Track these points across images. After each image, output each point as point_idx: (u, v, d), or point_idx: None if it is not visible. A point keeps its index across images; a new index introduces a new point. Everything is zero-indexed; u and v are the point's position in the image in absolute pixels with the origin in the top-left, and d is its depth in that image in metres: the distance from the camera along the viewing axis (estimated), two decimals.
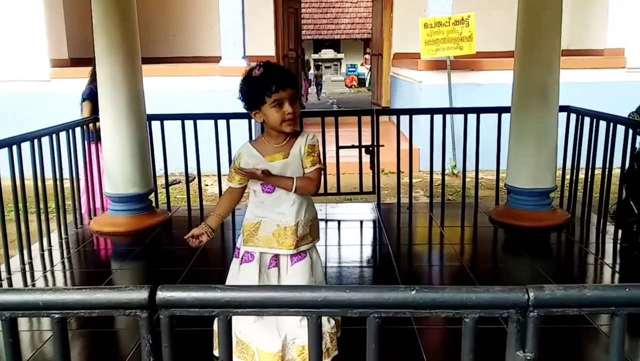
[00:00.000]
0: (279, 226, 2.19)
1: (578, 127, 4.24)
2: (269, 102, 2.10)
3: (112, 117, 4.02)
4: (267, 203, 2.21)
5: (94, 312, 1.16)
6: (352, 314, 1.15)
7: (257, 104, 2.13)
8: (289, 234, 2.19)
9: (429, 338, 2.53)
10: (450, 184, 6.67)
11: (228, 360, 1.19)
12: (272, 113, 2.11)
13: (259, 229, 2.21)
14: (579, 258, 3.75)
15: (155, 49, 9.23)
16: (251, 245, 2.23)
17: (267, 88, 2.09)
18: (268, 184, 2.18)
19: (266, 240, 2.20)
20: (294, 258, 2.25)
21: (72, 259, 3.68)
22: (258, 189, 2.22)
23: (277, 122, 2.12)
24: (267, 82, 2.09)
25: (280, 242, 2.20)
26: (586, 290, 1.09)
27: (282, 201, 2.20)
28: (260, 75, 2.11)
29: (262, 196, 2.22)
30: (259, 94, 2.10)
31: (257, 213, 2.23)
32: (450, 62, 7.60)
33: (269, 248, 2.21)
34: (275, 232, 2.20)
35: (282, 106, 2.10)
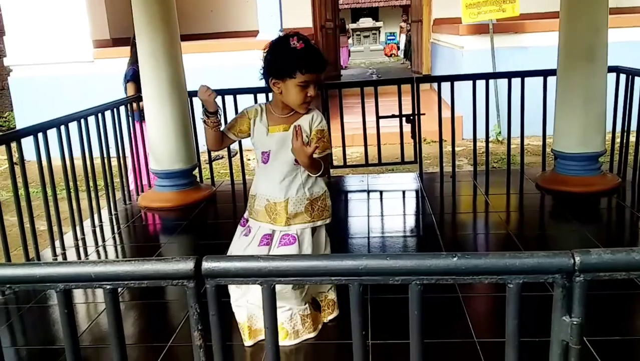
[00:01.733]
0: (268, 200, 2.18)
1: (628, 88, 4.08)
2: (298, 79, 2.02)
3: (155, 95, 4.09)
4: (262, 175, 2.22)
5: (143, 283, 1.20)
6: (394, 281, 1.16)
7: (283, 75, 2.04)
8: (279, 210, 2.16)
9: (474, 306, 2.52)
10: (494, 152, 6.54)
11: (274, 328, 1.21)
12: (294, 91, 2.04)
13: (255, 202, 2.23)
14: (631, 223, 3.64)
15: (193, 26, 9.30)
16: (252, 217, 2.26)
17: (303, 66, 2.01)
18: (265, 153, 2.17)
19: (261, 214, 2.21)
20: (283, 239, 2.19)
21: (122, 234, 3.80)
22: (259, 158, 2.22)
23: (296, 101, 2.07)
24: (304, 60, 2.01)
25: (272, 218, 2.18)
26: (635, 253, 1.07)
27: (274, 175, 2.17)
28: (301, 49, 2.02)
29: (260, 166, 2.22)
30: (292, 67, 2.01)
31: (255, 185, 2.26)
32: (493, 26, 7.38)
33: (265, 222, 2.20)
34: (266, 206, 2.19)
35: (306, 88, 2.05)
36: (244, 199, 4.52)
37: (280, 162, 2.16)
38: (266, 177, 2.20)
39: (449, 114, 4.54)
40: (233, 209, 4.41)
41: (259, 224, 2.22)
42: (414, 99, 4.45)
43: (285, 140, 2.13)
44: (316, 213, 2.22)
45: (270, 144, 2.16)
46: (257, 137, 2.19)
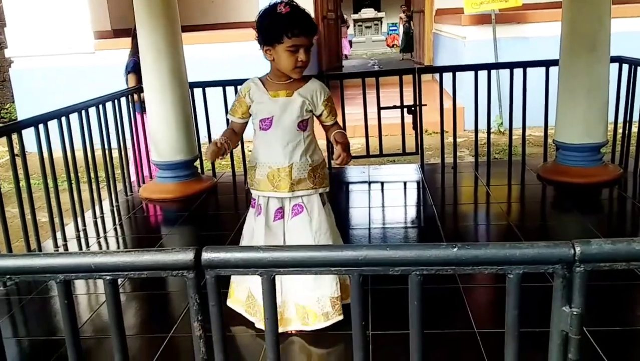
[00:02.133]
0: (271, 167, 2.19)
1: (631, 79, 4.06)
2: (286, 44, 2.04)
3: (156, 86, 4.08)
4: (262, 142, 2.21)
5: (143, 273, 1.20)
6: (394, 272, 1.16)
7: (272, 42, 2.07)
8: (282, 176, 2.18)
9: (474, 297, 2.52)
10: (496, 143, 6.53)
11: (274, 319, 1.21)
12: (285, 56, 2.07)
13: (255, 172, 2.23)
14: (632, 214, 3.63)
15: (194, 17, 9.27)
16: (253, 189, 2.26)
17: (289, 29, 2.03)
18: (266, 120, 2.17)
19: (263, 183, 2.21)
20: (294, 210, 2.24)
21: (123, 226, 3.81)
22: (257, 127, 2.21)
23: (287, 66, 2.09)
24: (290, 24, 2.03)
25: (275, 185, 2.19)
26: (635, 244, 1.06)
27: (276, 141, 2.17)
28: (286, 14, 2.04)
29: (259, 133, 2.21)
30: (278, 32, 2.04)
31: (255, 155, 2.24)
32: (495, 16, 7.35)
33: (266, 190, 2.21)
34: (269, 174, 2.19)
35: (296, 52, 2.06)
36: (245, 190, 4.53)
37: (284, 128, 2.17)
38: (268, 144, 2.19)
39: (451, 105, 4.53)
40: (234, 200, 4.41)
41: (266, 198, 2.23)
42: (416, 90, 4.44)
43: (288, 105, 2.16)
44: (317, 180, 2.25)
45: (274, 109, 2.16)
46: (257, 105, 2.19)
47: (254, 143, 2.26)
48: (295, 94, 2.17)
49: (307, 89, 2.19)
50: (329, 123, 2.27)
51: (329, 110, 2.23)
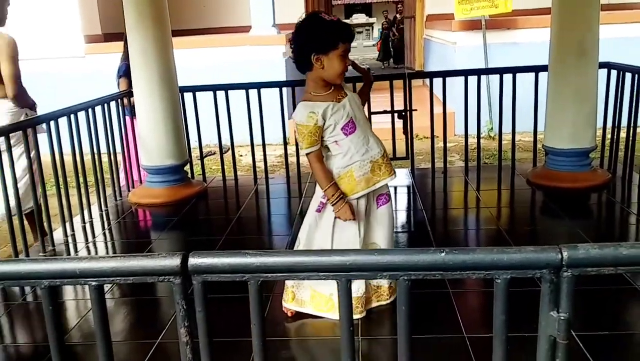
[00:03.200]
0: (372, 161, 2.23)
1: (619, 84, 4.09)
2: (340, 49, 2.09)
3: (146, 90, 4.07)
4: (353, 146, 2.21)
5: (129, 279, 1.19)
6: (382, 277, 1.16)
7: (327, 49, 2.09)
8: (385, 162, 2.26)
9: (463, 301, 2.52)
10: (486, 147, 6.55)
11: (260, 322, 1.21)
12: (337, 62, 2.10)
13: (353, 176, 2.22)
14: (620, 219, 3.66)
15: (185, 21, 9.26)
16: (353, 194, 2.24)
17: (345, 35, 2.09)
18: (348, 123, 2.19)
19: (366, 181, 2.23)
20: (379, 200, 2.32)
21: (112, 231, 3.78)
22: (339, 137, 2.20)
23: (337, 72, 2.12)
24: (343, 29, 2.10)
25: (381, 174, 2.25)
26: (622, 248, 1.07)
27: (364, 135, 2.23)
28: (337, 21, 2.13)
29: (346, 140, 2.20)
30: (333, 38, 2.08)
31: (344, 163, 2.22)
32: (485, 22, 7.39)
33: (372, 186, 2.24)
34: (372, 167, 2.23)
35: (345, 57, 2.12)
36: (235, 194, 4.52)
37: (364, 122, 2.27)
38: (359, 143, 2.21)
39: (441, 110, 4.54)
40: (224, 205, 4.40)
41: (362, 199, 2.26)
42: (406, 95, 4.45)
43: (352, 103, 2.22)
44: None
45: (348, 110, 2.20)
46: (334, 117, 2.17)
47: (336, 157, 2.24)
48: (347, 92, 2.24)
49: (347, 89, 2.28)
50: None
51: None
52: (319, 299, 2.34)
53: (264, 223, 3.99)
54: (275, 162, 6.50)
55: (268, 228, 3.89)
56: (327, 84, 2.19)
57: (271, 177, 4.74)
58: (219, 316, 2.29)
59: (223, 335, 2.27)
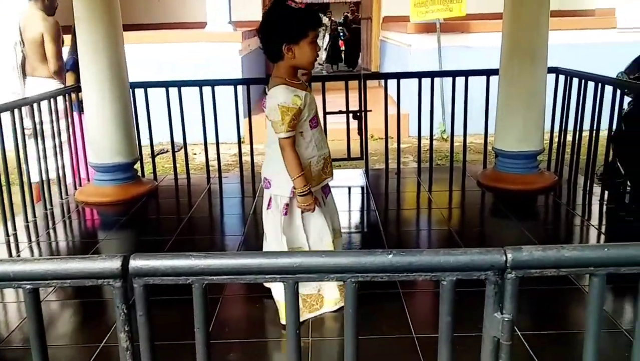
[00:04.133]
0: (324, 158, 2.29)
1: (566, 89, 4.21)
2: (310, 37, 2.09)
3: (95, 85, 3.94)
4: (315, 139, 2.25)
5: (66, 282, 1.14)
6: (329, 279, 1.14)
7: (297, 38, 2.09)
8: (330, 161, 2.34)
9: (414, 302, 2.55)
10: (439, 149, 6.65)
11: (204, 327, 1.17)
12: (308, 50, 2.10)
13: (311, 170, 2.25)
14: (566, 220, 3.76)
15: (138, 16, 9.06)
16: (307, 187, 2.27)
17: (314, 22, 2.09)
18: (314, 117, 2.23)
19: (317, 177, 2.28)
20: (325, 190, 2.41)
21: (57, 230, 3.65)
22: (306, 128, 2.22)
23: (310, 59, 2.13)
24: (312, 16, 2.09)
25: (327, 171, 2.33)
26: (564, 250, 1.08)
27: (321, 133, 2.30)
28: (305, 8, 2.11)
29: (310, 133, 2.23)
30: (304, 26, 2.08)
31: (308, 154, 2.24)
32: (440, 25, 7.50)
33: (321, 182, 2.31)
34: (323, 164, 2.29)
35: (315, 44, 2.12)
36: (187, 193, 4.44)
37: (321, 120, 2.36)
38: (318, 140, 2.26)
39: (396, 111, 4.58)
40: (176, 204, 4.31)
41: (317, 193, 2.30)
42: (361, 96, 4.46)
43: (315, 99, 2.27)
44: None
45: (315, 105, 2.25)
46: (309, 106, 2.20)
47: (301, 146, 2.22)
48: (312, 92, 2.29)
49: None
50: None
51: None
52: (309, 301, 2.36)
53: (216, 223, 3.93)
54: (229, 161, 6.43)
55: (220, 228, 3.83)
56: (296, 74, 2.19)
57: (225, 177, 4.68)
58: (163, 320, 2.24)
59: (166, 339, 2.21)
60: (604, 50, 7.11)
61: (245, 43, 7.78)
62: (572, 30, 7.41)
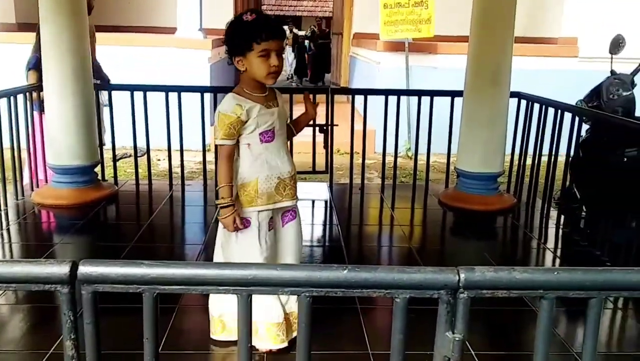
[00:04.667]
0: (280, 178, 2.17)
1: (528, 114, 4.31)
2: (257, 50, 2.03)
3: (57, 84, 3.86)
4: (267, 154, 2.15)
5: (11, 286, 1.11)
6: (283, 292, 1.14)
7: (243, 51, 2.05)
8: (291, 184, 2.20)
9: (371, 317, 2.55)
10: (404, 167, 6.71)
11: (154, 338, 1.15)
12: (257, 63, 2.04)
13: (258, 187, 2.14)
14: (523, 242, 3.84)
15: (107, 17, 8.93)
16: (253, 206, 2.15)
17: (257, 35, 2.02)
18: (268, 132, 2.14)
19: (269, 196, 2.15)
20: (285, 217, 2.26)
21: (11, 232, 3.54)
22: (254, 141, 2.13)
23: (262, 73, 2.06)
24: (257, 29, 2.02)
25: (284, 194, 2.19)
26: (515, 273, 1.10)
27: (280, 150, 2.18)
28: (252, 20, 2.04)
29: (260, 147, 2.13)
30: (247, 40, 2.03)
31: (254, 170, 2.14)
32: (409, 45, 7.61)
33: (271, 204, 2.16)
34: (277, 185, 2.16)
35: (268, 57, 2.04)
36: (148, 199, 4.37)
37: (283, 138, 2.22)
38: (273, 155, 2.16)
39: (362, 127, 4.61)
40: (136, 209, 4.24)
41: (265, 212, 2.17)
42: (328, 110, 4.48)
43: (281, 114, 2.19)
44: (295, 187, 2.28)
45: (273, 120, 2.15)
46: (259, 118, 2.11)
47: (247, 160, 2.15)
48: (280, 103, 2.22)
49: (282, 98, 2.26)
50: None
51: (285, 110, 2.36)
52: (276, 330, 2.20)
53: (177, 230, 3.88)
54: (193, 168, 6.36)
55: (181, 236, 3.78)
56: (260, 86, 2.14)
57: (188, 184, 4.63)
58: (113, 328, 2.18)
59: (115, 349, 2.15)
60: (565, 78, 7.31)
61: (215, 51, 7.74)
62: (535, 57, 7.61)
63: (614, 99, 4.01)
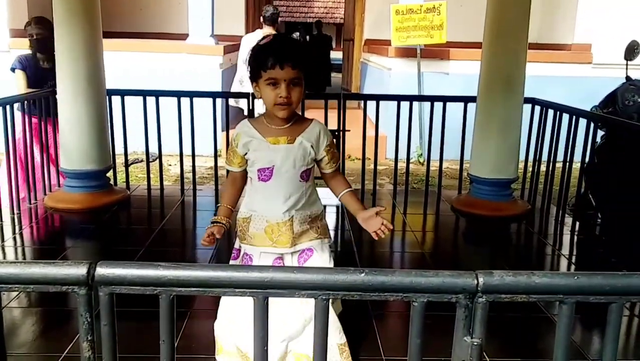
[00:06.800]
0: (269, 222, 1.96)
1: (542, 120, 4.29)
2: (264, 78, 1.85)
3: (70, 89, 3.88)
4: (261, 194, 1.98)
5: (29, 287, 1.10)
6: (300, 295, 1.13)
7: (255, 77, 1.89)
8: (283, 231, 1.96)
9: (384, 324, 2.53)
10: (415, 173, 6.70)
11: (171, 340, 1.15)
12: (266, 91, 1.86)
13: (249, 225, 2.00)
14: (537, 249, 3.80)
15: (120, 23, 9.00)
16: (245, 243, 2.03)
17: (264, 62, 1.83)
18: (266, 170, 1.94)
19: (259, 238, 1.99)
20: (300, 257, 2.03)
21: (24, 235, 3.56)
22: (254, 176, 1.98)
23: (269, 102, 1.88)
24: (265, 55, 1.83)
25: (275, 239, 1.98)
26: (535, 277, 1.09)
27: (277, 193, 1.95)
28: (263, 45, 1.87)
29: (257, 185, 1.98)
30: (256, 66, 1.87)
31: (250, 206, 2.01)
32: (421, 51, 7.60)
33: (262, 246, 1.99)
34: (267, 228, 1.97)
35: (275, 86, 1.84)
36: (160, 204, 4.38)
37: (286, 179, 1.95)
38: (267, 197, 1.97)
39: (374, 133, 4.60)
40: (148, 214, 4.25)
41: (259, 250, 2.00)
42: (340, 115, 4.48)
43: (290, 153, 1.93)
44: (320, 230, 2.06)
45: (274, 158, 1.93)
46: (254, 153, 1.95)
47: (248, 192, 2.04)
48: (299, 139, 1.94)
49: (310, 133, 1.97)
50: (329, 171, 2.06)
51: (331, 156, 2.03)
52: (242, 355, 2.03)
53: (189, 235, 3.88)
54: (205, 174, 6.38)
55: (192, 241, 3.78)
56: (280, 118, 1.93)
57: (199, 190, 4.63)
58: (129, 332, 2.19)
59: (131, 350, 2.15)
60: (579, 84, 7.28)
61: (227, 57, 7.77)
62: (549, 63, 7.57)
63: (630, 105, 3.98)
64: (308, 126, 1.98)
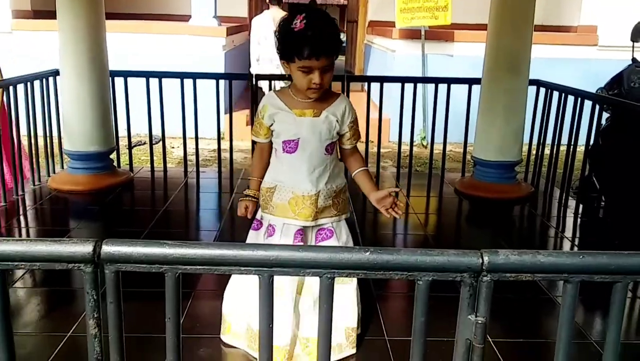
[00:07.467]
0: (294, 193, 1.98)
1: (546, 102, 4.26)
2: (297, 64, 1.85)
3: (73, 70, 3.87)
4: (286, 165, 2.00)
5: (35, 265, 1.11)
6: (305, 274, 1.13)
7: (286, 58, 1.89)
8: (307, 204, 1.97)
9: (387, 304, 2.55)
10: (419, 155, 6.68)
11: (176, 317, 1.15)
12: (298, 75, 1.88)
13: (273, 195, 2.02)
14: (540, 231, 3.80)
15: (122, 4, 8.95)
16: (267, 212, 2.04)
17: (299, 51, 1.82)
18: (291, 142, 1.96)
19: (281, 208, 2.00)
20: (319, 234, 2.05)
21: (28, 216, 3.58)
22: (279, 148, 1.99)
23: (302, 86, 1.90)
24: (300, 44, 1.82)
25: (297, 212, 1.98)
26: (540, 256, 1.09)
27: (302, 165, 1.97)
28: (298, 32, 1.82)
29: (282, 156, 2.00)
30: (290, 51, 1.85)
31: (275, 176, 2.03)
32: (425, 32, 7.54)
33: (283, 217, 2.01)
34: (291, 200, 1.98)
35: (309, 73, 1.85)
36: (163, 187, 4.38)
37: (311, 152, 1.96)
38: (293, 168, 1.98)
39: (377, 115, 4.58)
40: (151, 196, 4.26)
41: (283, 221, 2.02)
42: None
43: (316, 126, 1.95)
44: (340, 206, 2.07)
45: (300, 130, 1.95)
46: (280, 125, 1.97)
47: (273, 163, 2.05)
48: (324, 113, 1.96)
49: (336, 107, 1.99)
50: (349, 147, 2.08)
51: (353, 132, 2.05)
52: (252, 335, 2.06)
53: (192, 217, 3.89)
54: (208, 156, 6.37)
55: (196, 223, 3.79)
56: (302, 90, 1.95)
57: (202, 172, 4.64)
58: (134, 310, 2.21)
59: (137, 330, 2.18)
60: (584, 66, 7.22)
61: (230, 39, 7.72)
62: (554, 45, 7.51)
63: (635, 87, 3.95)
64: (335, 101, 2.00)
